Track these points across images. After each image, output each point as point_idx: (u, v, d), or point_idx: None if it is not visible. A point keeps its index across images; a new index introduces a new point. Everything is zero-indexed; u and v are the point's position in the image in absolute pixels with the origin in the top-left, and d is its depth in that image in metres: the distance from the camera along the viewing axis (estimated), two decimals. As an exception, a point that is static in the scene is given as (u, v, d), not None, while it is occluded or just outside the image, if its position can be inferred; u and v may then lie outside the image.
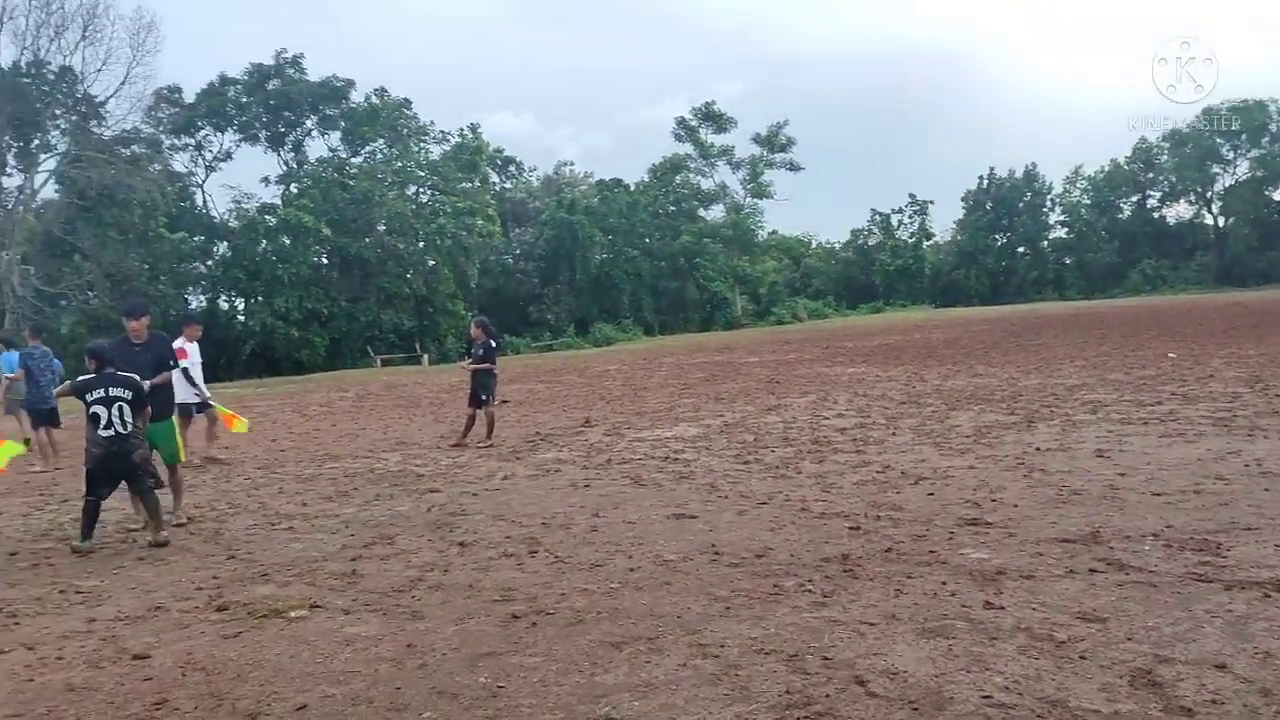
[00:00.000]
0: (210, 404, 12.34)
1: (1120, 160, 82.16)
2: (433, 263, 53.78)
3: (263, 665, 4.75)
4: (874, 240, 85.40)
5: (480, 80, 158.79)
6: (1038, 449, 9.94)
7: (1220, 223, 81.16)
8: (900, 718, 3.81)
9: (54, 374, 13.40)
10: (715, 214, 71.45)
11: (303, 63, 52.71)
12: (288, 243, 48.79)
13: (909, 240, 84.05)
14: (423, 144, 57.71)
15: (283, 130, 53.94)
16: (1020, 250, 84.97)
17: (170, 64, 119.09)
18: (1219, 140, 77.20)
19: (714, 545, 6.66)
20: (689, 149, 70.46)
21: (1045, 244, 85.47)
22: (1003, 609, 5.00)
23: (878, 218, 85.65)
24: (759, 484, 8.96)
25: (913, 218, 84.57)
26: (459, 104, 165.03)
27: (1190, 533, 6.29)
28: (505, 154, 68.68)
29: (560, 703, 4.11)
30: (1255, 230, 75.72)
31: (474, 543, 7.18)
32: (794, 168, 70.85)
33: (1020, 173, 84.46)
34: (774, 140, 69.97)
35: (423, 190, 56.39)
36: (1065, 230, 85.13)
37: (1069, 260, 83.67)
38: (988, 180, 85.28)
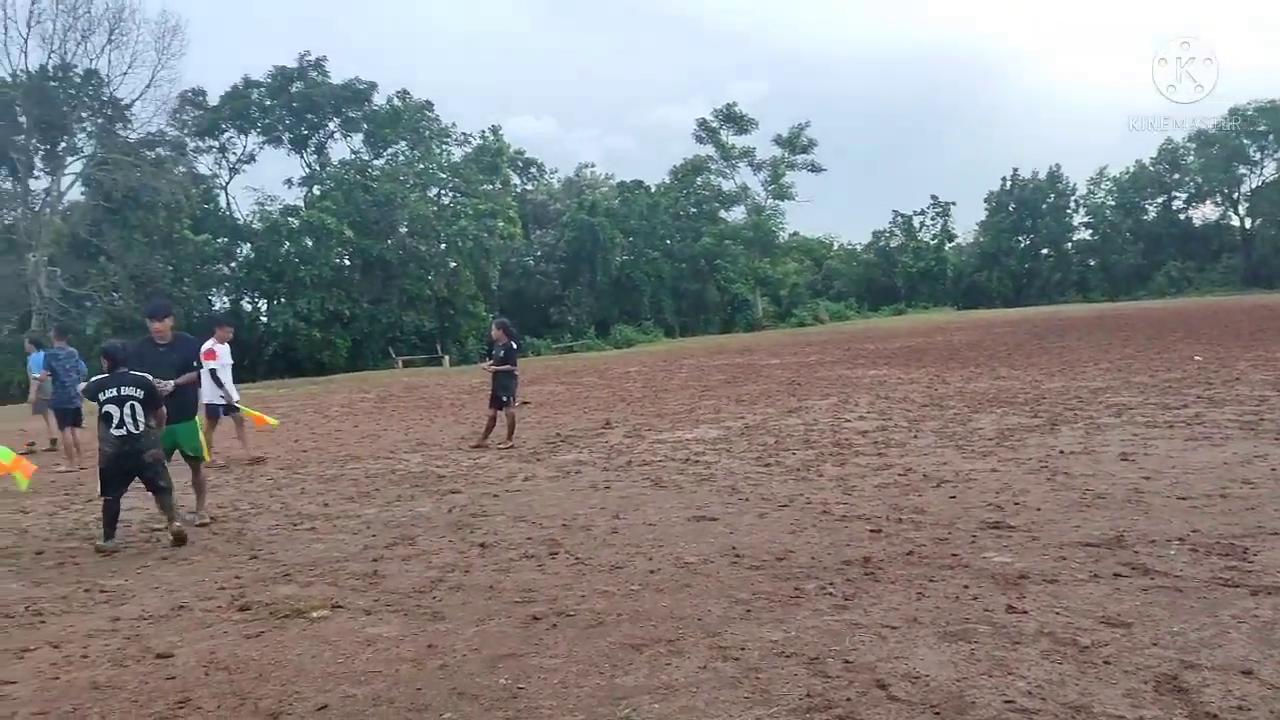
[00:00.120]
0: (236, 407, 12.46)
1: (1146, 161, 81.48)
2: (454, 264, 53.97)
3: (285, 665, 4.78)
4: (896, 242, 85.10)
5: (502, 83, 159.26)
6: (1061, 452, 9.87)
7: (1247, 224, 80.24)
8: (922, 722, 3.79)
9: (79, 374, 13.55)
10: (736, 215, 71.47)
11: (325, 65, 53.11)
12: (310, 244, 49.05)
13: (931, 242, 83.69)
14: (444, 146, 57.93)
15: (306, 132, 54.25)
16: (1044, 252, 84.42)
17: (195, 67, 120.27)
18: (1246, 141, 76.50)
19: (735, 548, 6.65)
20: (710, 150, 70.50)
21: (1069, 245, 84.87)
22: (1026, 613, 4.97)
23: (899, 219, 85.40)
24: (780, 486, 8.94)
25: (935, 219, 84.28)
26: (481, 107, 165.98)
27: (1216, 537, 6.23)
28: (526, 156, 68.94)
29: (580, 704, 4.11)
30: (1283, 232, 75.06)
31: (495, 544, 7.20)
32: (815, 169, 70.85)
33: (1044, 174, 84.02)
34: (795, 141, 69.89)
35: (444, 192, 56.57)
36: (1089, 232, 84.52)
37: (1093, 262, 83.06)
38: (1011, 181, 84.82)
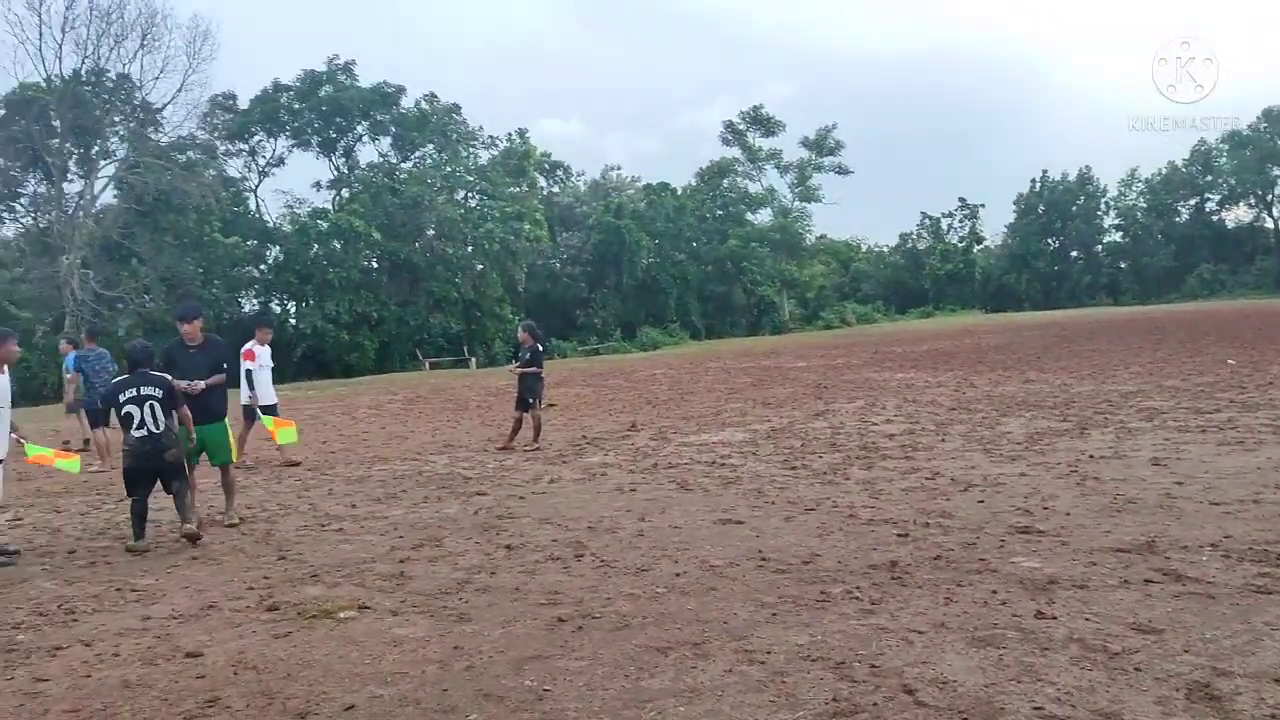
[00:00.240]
0: (257, 414, 12.40)
1: (1178, 163, 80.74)
2: (481, 267, 54.22)
3: (312, 665, 4.80)
4: (923, 244, 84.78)
5: (530, 86, 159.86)
6: (1091, 456, 9.78)
7: (1281, 226, 79.46)
8: (949, 728, 3.76)
9: (109, 375, 13.70)
10: (763, 218, 71.46)
11: (354, 69, 53.55)
12: (339, 247, 49.41)
13: (959, 244, 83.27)
14: (471, 149, 58.21)
15: (334, 136, 54.69)
16: (1073, 254, 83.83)
17: (225, 71, 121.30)
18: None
19: (761, 551, 6.63)
20: (736, 153, 70.61)
21: (1099, 248, 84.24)
22: (1055, 619, 4.92)
23: (927, 221, 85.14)
24: (806, 490, 8.90)
25: (963, 221, 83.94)
26: (509, 109, 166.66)
27: (1249, 543, 6.15)
28: (553, 159, 69.17)
29: (606, 707, 4.11)
30: (1318, 234, 74.15)
31: (520, 546, 7.21)
32: (842, 171, 70.82)
33: (1074, 175, 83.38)
34: (822, 144, 69.84)
35: (471, 195, 56.84)
36: (1120, 234, 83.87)
37: (1124, 264, 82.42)
38: (1040, 183, 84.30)
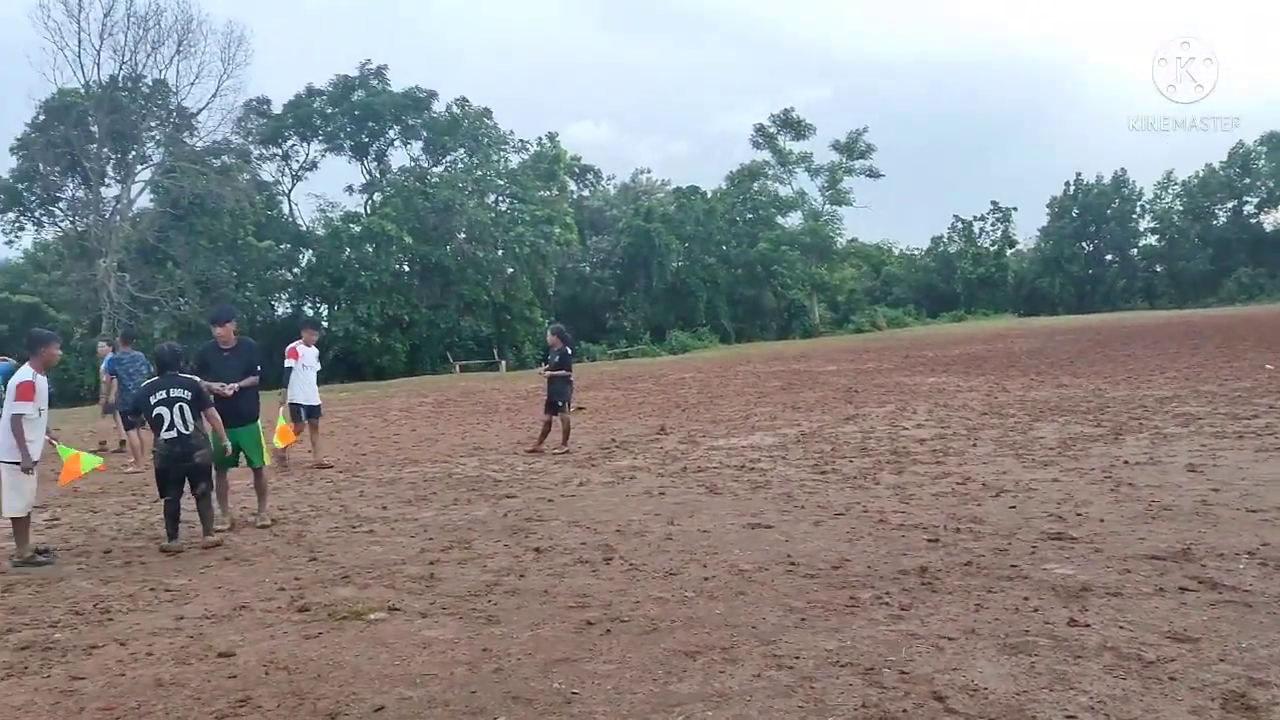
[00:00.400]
0: (301, 413, 12.40)
1: (1215, 165, 79.69)
2: (511, 270, 54.43)
3: (342, 666, 4.83)
4: (955, 248, 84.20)
5: (561, 91, 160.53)
6: (1126, 462, 9.67)
7: (1321, 229, 78.19)
8: (980, 736, 3.73)
9: (143, 379, 13.88)
10: (793, 221, 71.28)
11: (386, 74, 53.91)
12: (371, 250, 49.75)
13: (991, 248, 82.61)
14: (502, 153, 58.46)
15: (366, 140, 55.07)
16: (1108, 258, 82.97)
17: (259, 76, 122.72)
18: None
19: (790, 556, 6.60)
20: (767, 156, 70.48)
21: (1135, 252, 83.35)
22: (1088, 627, 4.86)
23: (959, 224, 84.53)
24: (836, 494, 8.86)
25: (995, 225, 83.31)
26: (540, 114, 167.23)
27: (1288, 551, 6.05)
28: (583, 162, 69.29)
29: (634, 711, 4.10)
30: (1359, 237, 72.92)
31: (549, 548, 7.23)
32: (873, 174, 70.64)
33: (1109, 178, 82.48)
34: (853, 147, 69.62)
35: (502, 199, 57.07)
36: (1156, 237, 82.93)
37: (1160, 268, 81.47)
38: (1074, 186, 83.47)
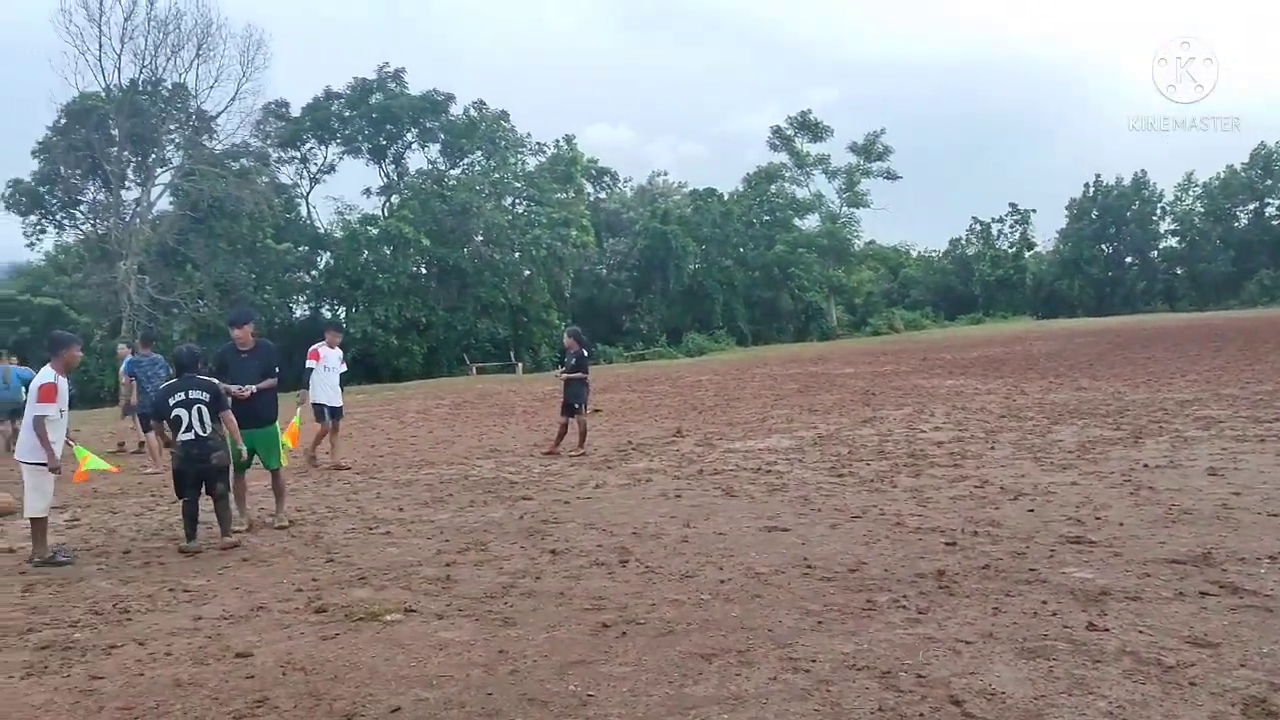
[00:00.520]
0: (325, 414, 12.47)
1: (1237, 166, 79.03)
2: (528, 273, 54.49)
3: (359, 667, 4.85)
4: (973, 250, 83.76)
5: (578, 93, 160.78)
6: (1145, 466, 9.61)
7: (1344, 231, 77.40)
8: (998, 741, 3.71)
9: (161, 380, 13.98)
10: (810, 223, 71.13)
11: (404, 77, 54.07)
12: (388, 253, 49.89)
13: (1010, 250, 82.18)
14: (519, 156, 58.54)
15: (384, 143, 55.23)
16: (1128, 260, 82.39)
17: (277, 79, 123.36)
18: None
19: (806, 559, 6.59)
20: (784, 158, 70.37)
21: (1155, 254, 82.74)
22: (1107, 631, 4.83)
23: (977, 226, 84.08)
24: (853, 497, 8.84)
25: (1014, 227, 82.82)
26: (557, 117, 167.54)
27: (1311, 556, 6.00)
28: (600, 165, 69.34)
29: (649, 713, 4.10)
30: (1383, 239, 72.19)
31: (565, 551, 7.23)
32: (891, 176, 70.39)
33: (1128, 180, 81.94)
34: (871, 149, 69.44)
35: (519, 201, 57.17)
36: (1176, 239, 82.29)
37: (1180, 270, 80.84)
38: (1093, 188, 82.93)
